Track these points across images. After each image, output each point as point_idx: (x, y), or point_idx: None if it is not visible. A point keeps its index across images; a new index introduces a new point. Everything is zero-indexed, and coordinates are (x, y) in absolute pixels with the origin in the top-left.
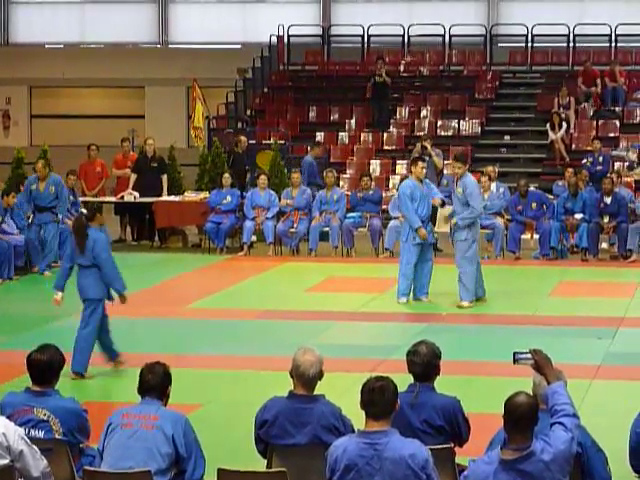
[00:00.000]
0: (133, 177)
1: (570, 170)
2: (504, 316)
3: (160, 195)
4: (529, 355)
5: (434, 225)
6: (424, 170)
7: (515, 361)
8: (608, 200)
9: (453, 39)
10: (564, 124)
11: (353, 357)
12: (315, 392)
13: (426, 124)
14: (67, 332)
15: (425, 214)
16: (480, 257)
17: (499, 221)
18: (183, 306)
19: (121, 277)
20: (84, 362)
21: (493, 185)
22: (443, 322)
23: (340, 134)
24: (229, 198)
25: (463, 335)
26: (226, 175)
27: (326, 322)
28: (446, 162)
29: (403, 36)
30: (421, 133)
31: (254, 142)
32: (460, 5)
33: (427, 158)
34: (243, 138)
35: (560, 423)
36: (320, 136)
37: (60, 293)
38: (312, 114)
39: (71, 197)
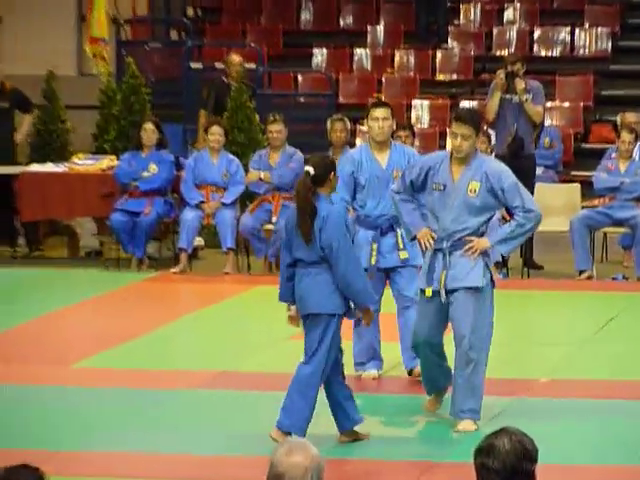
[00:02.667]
0: None
1: None
2: None
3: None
4: None
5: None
6: (386, 125)
7: None
8: None
9: None
10: None
11: (378, 457)
12: None
13: (513, 35)
14: None
15: (382, 212)
16: (610, 277)
17: None
18: (65, 365)
19: (366, 280)
20: (299, 422)
21: (635, 149)
22: (539, 395)
23: (357, 52)
24: (155, 167)
25: (578, 419)
26: (148, 126)
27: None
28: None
29: None
30: (504, 52)
31: (200, 66)
32: None
33: (513, 97)
34: (236, 58)
35: None
36: (320, 54)
37: (293, 307)
38: (306, 15)
39: None
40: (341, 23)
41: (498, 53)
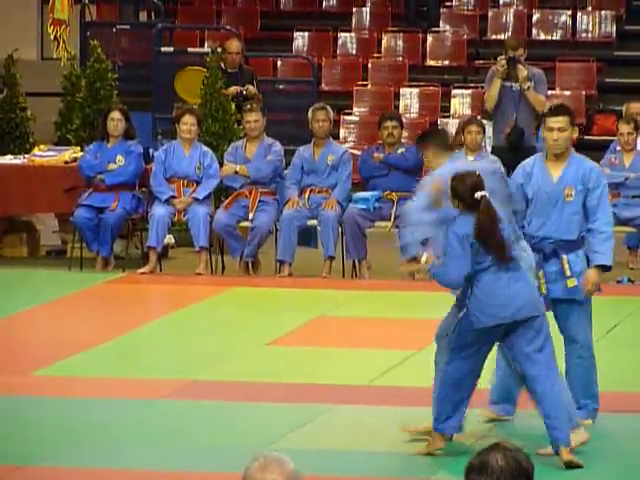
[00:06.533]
0: None
1: None
2: None
3: None
4: None
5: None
6: (562, 136)
7: None
8: None
9: None
10: None
11: (361, 475)
12: None
13: (509, 18)
14: None
15: (546, 234)
16: (615, 280)
17: None
18: (25, 374)
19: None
20: None
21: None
22: (534, 408)
23: (341, 35)
24: (122, 160)
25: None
26: (115, 114)
27: (310, 406)
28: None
29: None
30: (500, 37)
31: (171, 50)
32: None
33: (514, 85)
34: (235, 43)
35: None
36: (301, 38)
37: None
38: None
39: None
40: (324, 4)
41: (493, 37)
